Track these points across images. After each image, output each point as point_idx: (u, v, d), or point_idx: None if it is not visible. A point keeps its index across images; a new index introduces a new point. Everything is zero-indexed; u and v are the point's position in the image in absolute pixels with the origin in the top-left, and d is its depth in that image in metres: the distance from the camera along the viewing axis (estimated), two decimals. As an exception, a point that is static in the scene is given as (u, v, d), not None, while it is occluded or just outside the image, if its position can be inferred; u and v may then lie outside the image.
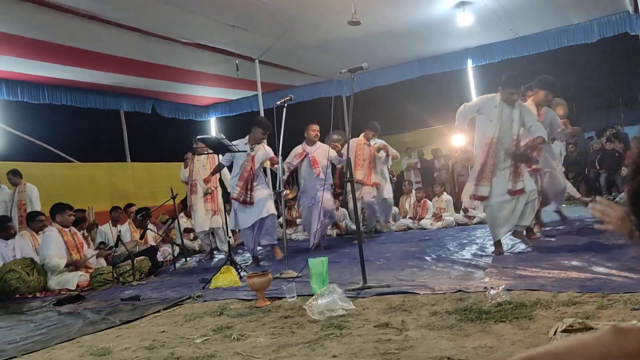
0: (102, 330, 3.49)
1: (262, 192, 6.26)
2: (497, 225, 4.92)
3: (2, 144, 9.68)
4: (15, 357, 3.05)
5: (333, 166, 7.78)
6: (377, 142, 7.61)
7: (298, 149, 6.99)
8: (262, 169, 6.46)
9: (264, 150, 6.34)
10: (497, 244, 4.98)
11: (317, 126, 7.09)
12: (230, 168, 6.55)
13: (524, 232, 5.28)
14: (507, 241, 5.73)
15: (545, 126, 5.62)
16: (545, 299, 2.89)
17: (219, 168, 6.42)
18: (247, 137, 6.26)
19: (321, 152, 6.83)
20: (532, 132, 4.85)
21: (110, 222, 8.08)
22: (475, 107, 5.03)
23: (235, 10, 6.90)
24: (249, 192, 6.14)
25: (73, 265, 6.14)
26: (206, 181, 7.29)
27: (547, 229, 6.28)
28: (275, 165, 5.85)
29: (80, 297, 5.08)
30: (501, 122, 4.79)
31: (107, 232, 7.77)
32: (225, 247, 7.42)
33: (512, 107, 4.81)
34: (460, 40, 9.31)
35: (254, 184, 6.18)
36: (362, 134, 7.66)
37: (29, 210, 7.65)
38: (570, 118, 6.86)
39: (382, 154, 7.49)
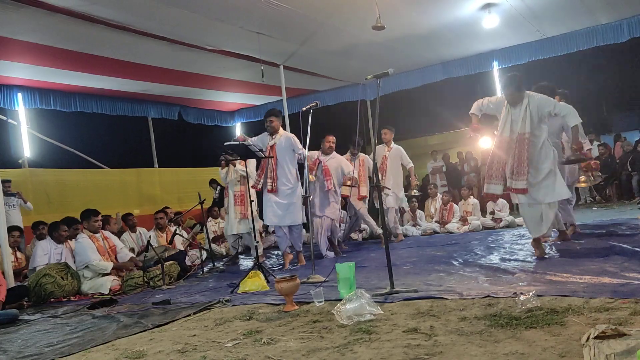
0: (135, 334, 3.57)
1: (290, 190, 6.23)
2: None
3: (35, 151, 9.97)
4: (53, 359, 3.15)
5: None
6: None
7: (313, 155, 7.02)
8: (289, 161, 6.31)
9: (285, 137, 6.31)
10: (537, 244, 4.97)
11: (334, 138, 7.17)
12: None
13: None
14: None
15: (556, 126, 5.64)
16: (577, 305, 2.86)
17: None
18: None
19: (334, 163, 6.97)
20: (559, 113, 4.84)
21: (128, 229, 8.23)
22: (492, 104, 5.17)
23: (260, 18, 6.98)
24: (269, 181, 6.19)
25: (119, 269, 6.33)
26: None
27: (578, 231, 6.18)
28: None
29: (113, 300, 5.20)
30: (510, 123, 4.88)
31: (127, 239, 7.87)
32: (254, 252, 7.51)
33: (516, 108, 4.86)
34: (485, 43, 9.24)
35: (276, 173, 6.19)
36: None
37: None
38: (601, 119, 6.78)
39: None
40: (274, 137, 6.30)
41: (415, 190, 8.53)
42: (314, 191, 6.79)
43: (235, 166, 7.14)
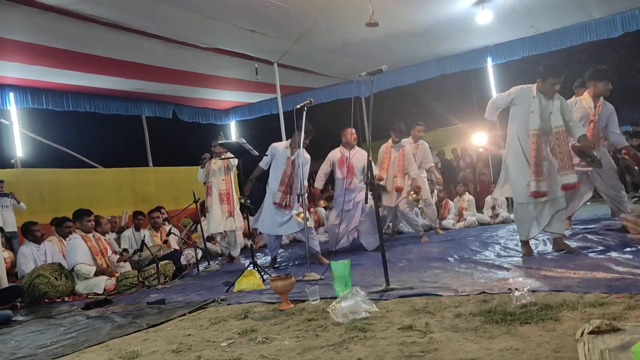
0: (130, 334, 3.55)
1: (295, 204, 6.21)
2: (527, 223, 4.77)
3: (28, 151, 9.91)
4: (47, 360, 3.13)
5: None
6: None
7: (336, 155, 6.79)
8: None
9: (304, 156, 6.01)
10: (526, 244, 4.89)
11: (354, 129, 6.89)
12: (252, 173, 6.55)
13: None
14: (532, 242, 5.67)
15: (602, 120, 5.46)
16: (572, 300, 2.86)
17: (257, 171, 6.41)
18: (289, 140, 6.24)
19: (359, 157, 6.67)
20: (569, 129, 4.67)
21: (132, 227, 8.20)
22: (509, 97, 4.82)
23: (254, 15, 6.95)
24: (288, 197, 6.11)
25: (102, 273, 6.26)
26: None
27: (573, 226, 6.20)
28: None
29: (107, 300, 5.17)
30: (541, 114, 4.61)
31: (130, 237, 7.87)
32: (237, 252, 7.53)
33: (550, 99, 4.62)
34: (479, 38, 9.23)
35: (293, 187, 6.10)
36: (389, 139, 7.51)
37: None
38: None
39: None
40: (294, 152, 6.05)
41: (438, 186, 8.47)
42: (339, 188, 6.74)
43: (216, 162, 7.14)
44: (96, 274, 6.20)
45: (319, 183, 7.04)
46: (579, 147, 4.68)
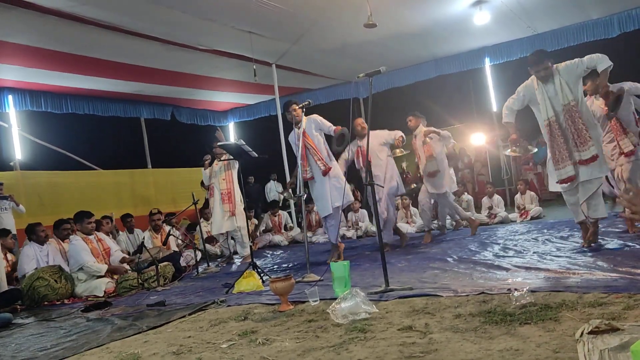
0: (130, 336, 3.55)
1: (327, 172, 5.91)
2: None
3: (27, 153, 9.91)
4: (47, 363, 3.13)
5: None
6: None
7: (352, 148, 6.61)
8: (321, 142, 5.99)
9: (308, 120, 5.92)
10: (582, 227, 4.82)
11: (362, 119, 6.82)
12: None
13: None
14: (530, 240, 5.69)
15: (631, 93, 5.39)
16: (571, 300, 2.87)
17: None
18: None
19: (375, 141, 6.37)
20: (590, 63, 4.60)
21: (126, 230, 8.19)
22: (518, 95, 4.88)
23: (252, 17, 6.97)
24: (307, 169, 5.88)
25: (113, 271, 6.28)
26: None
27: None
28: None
29: (107, 303, 5.17)
30: (548, 100, 4.65)
31: (125, 240, 7.85)
32: (245, 252, 7.49)
33: (548, 82, 4.64)
34: (477, 39, 9.26)
35: (315, 158, 5.87)
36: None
37: None
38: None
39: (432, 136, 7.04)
40: (299, 125, 5.89)
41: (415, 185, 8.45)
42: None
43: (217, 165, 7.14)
44: (108, 272, 6.22)
45: None
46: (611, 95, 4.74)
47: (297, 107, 5.85)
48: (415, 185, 8.64)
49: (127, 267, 6.51)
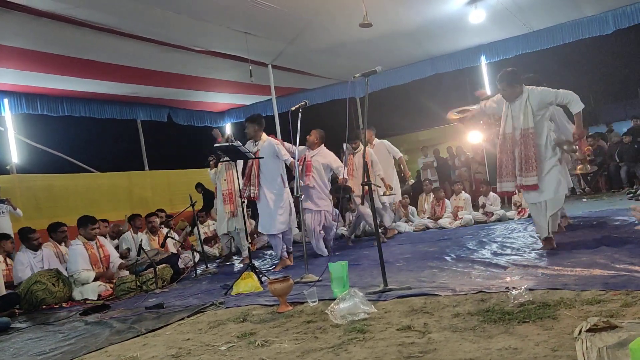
0: (128, 339, 3.55)
1: (276, 196, 6.12)
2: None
3: (23, 157, 9.88)
4: (46, 368, 3.12)
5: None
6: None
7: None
8: (278, 167, 6.20)
9: (268, 142, 6.12)
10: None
11: (317, 132, 6.96)
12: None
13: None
14: (527, 238, 5.70)
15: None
16: (569, 298, 2.88)
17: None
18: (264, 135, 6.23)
19: (319, 158, 6.78)
20: (563, 101, 4.73)
21: (131, 230, 8.18)
22: (492, 103, 5.13)
23: (247, 17, 6.96)
24: (252, 188, 6.10)
25: (101, 278, 6.26)
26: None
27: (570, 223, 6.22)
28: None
29: (105, 306, 5.16)
30: (510, 118, 4.82)
31: (129, 239, 7.84)
32: (245, 253, 7.47)
33: (514, 103, 4.78)
34: (473, 37, 9.27)
35: (259, 180, 6.08)
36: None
37: None
38: (588, 111, 6.78)
39: None
40: (256, 143, 6.17)
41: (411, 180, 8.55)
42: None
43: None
44: (96, 279, 6.19)
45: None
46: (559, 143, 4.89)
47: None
48: (412, 181, 8.69)
49: (127, 272, 6.51)
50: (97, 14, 6.40)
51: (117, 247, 7.88)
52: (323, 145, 6.99)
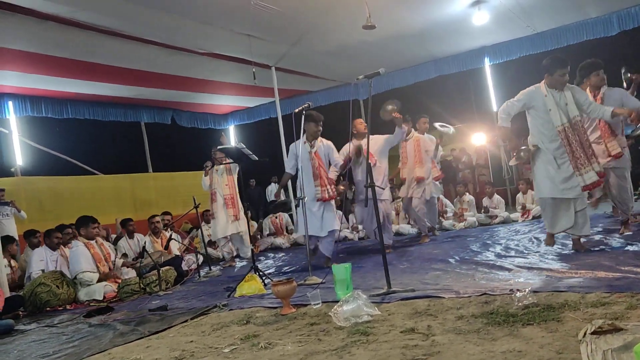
0: (132, 342, 3.55)
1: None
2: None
3: (27, 159, 9.92)
4: (49, 370, 3.12)
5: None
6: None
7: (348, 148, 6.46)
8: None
9: (322, 144, 6.05)
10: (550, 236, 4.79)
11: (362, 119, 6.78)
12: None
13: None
14: (530, 241, 5.67)
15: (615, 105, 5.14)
16: (573, 300, 2.86)
17: (286, 178, 6.21)
18: (304, 136, 5.86)
19: (373, 144, 6.19)
20: (590, 113, 4.62)
21: (125, 235, 8.19)
22: (519, 103, 4.68)
23: (251, 20, 6.97)
24: (328, 187, 5.91)
25: (105, 278, 6.27)
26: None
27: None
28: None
29: (109, 308, 5.17)
30: (560, 108, 4.51)
31: (124, 244, 7.83)
32: (249, 253, 7.47)
33: (561, 91, 4.53)
34: (476, 39, 9.25)
35: (329, 177, 5.96)
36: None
37: None
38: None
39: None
40: (313, 144, 5.99)
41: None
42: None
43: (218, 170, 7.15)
44: (100, 280, 6.20)
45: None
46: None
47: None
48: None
49: (133, 272, 6.51)
50: (102, 17, 6.42)
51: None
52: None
